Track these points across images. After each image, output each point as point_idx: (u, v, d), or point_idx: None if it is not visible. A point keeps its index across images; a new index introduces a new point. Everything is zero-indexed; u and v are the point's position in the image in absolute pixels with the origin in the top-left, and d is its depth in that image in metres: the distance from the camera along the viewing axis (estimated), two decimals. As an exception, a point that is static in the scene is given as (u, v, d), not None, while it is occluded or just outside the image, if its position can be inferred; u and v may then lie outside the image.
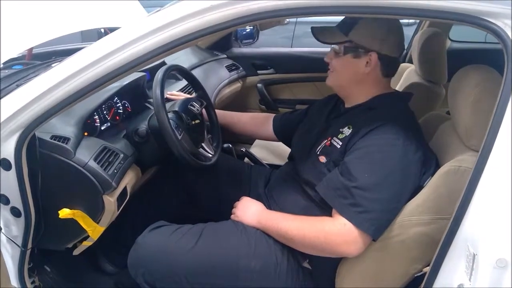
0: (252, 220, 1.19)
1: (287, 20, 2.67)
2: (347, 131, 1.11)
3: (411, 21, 2.83)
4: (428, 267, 0.89)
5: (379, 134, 1.03)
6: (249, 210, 1.22)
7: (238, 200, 1.27)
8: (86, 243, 1.22)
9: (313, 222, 1.06)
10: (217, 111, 1.63)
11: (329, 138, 1.15)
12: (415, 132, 1.06)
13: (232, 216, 1.25)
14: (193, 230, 1.17)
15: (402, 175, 1.00)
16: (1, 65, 1.41)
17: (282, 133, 1.56)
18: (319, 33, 1.17)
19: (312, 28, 1.17)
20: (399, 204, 1.00)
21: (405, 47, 2.37)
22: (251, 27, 2.47)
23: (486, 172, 0.75)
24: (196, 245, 1.12)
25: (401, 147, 1.00)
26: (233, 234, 1.16)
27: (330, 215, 1.06)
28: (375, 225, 0.98)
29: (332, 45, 1.17)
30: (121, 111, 1.44)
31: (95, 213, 1.11)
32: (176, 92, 1.66)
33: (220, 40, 2.42)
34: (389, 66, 1.15)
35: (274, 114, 1.62)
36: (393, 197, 1.00)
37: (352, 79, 1.16)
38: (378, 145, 1.02)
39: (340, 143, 1.10)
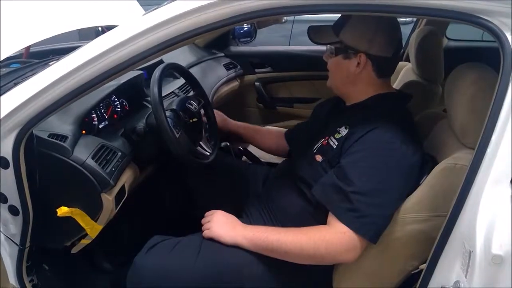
0: (235, 236, 1.10)
1: (285, 18, 2.68)
2: (343, 131, 1.09)
3: (408, 19, 2.83)
4: (424, 264, 0.89)
5: (375, 137, 1.02)
6: (227, 226, 1.13)
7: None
8: (84, 242, 1.21)
9: (309, 233, 1.02)
10: (239, 123, 1.61)
11: (326, 138, 1.13)
12: (412, 133, 1.05)
13: (206, 232, 1.14)
14: (191, 243, 1.14)
15: (401, 178, 0.99)
16: (-1, 64, 1.41)
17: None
18: (314, 32, 1.16)
19: (309, 27, 1.16)
20: (397, 207, 0.99)
21: (402, 46, 2.37)
22: (249, 26, 2.47)
23: (482, 169, 0.75)
24: (197, 259, 1.10)
25: (399, 150, 0.99)
26: None
27: (326, 214, 1.05)
28: (373, 229, 0.98)
29: (327, 46, 1.15)
30: (119, 109, 1.44)
31: (93, 211, 1.11)
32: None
33: (218, 39, 2.41)
34: (382, 67, 1.12)
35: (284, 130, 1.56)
36: (392, 200, 0.99)
37: (345, 80, 1.14)
38: (375, 149, 1.01)
39: (336, 143, 1.09)
